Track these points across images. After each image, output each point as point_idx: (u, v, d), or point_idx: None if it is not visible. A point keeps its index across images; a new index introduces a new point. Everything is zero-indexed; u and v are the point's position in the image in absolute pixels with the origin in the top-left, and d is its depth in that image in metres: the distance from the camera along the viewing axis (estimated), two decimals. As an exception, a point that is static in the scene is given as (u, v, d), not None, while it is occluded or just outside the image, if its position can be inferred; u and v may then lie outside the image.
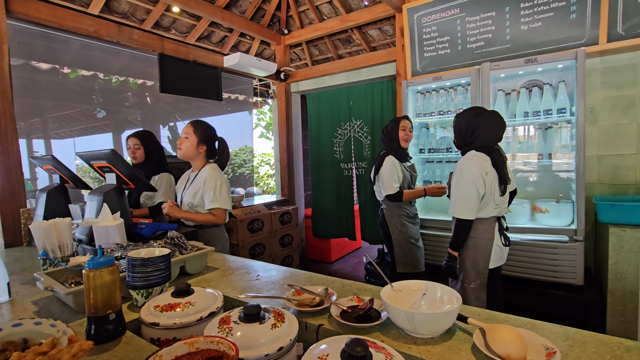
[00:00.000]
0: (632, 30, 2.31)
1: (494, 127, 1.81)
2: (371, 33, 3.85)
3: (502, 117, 1.84)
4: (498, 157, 1.80)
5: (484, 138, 1.81)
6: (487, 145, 1.81)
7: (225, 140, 2.17)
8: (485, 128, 1.80)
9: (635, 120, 2.50)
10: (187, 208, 2.02)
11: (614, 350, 0.80)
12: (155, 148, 2.37)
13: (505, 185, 1.80)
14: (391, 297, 0.99)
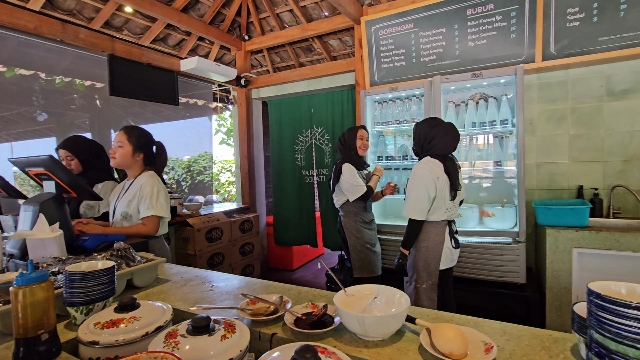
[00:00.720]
0: (563, 51, 2.57)
1: (450, 137, 1.94)
2: (332, 43, 3.94)
3: (456, 129, 1.98)
4: (451, 164, 1.93)
5: (440, 146, 1.93)
6: (442, 153, 1.94)
7: (163, 144, 2.05)
8: (442, 138, 1.93)
9: (567, 131, 2.77)
10: (120, 218, 1.88)
11: (544, 342, 0.88)
12: (92, 155, 2.16)
13: (455, 191, 1.91)
14: (344, 302, 1.00)
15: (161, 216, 1.85)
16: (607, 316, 0.60)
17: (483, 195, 2.93)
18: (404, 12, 3.02)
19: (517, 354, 0.83)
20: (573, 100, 2.73)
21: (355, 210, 2.53)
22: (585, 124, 2.70)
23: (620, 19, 2.39)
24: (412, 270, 2.01)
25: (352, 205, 2.50)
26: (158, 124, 4.53)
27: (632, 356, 0.57)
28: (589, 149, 2.70)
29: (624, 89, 2.58)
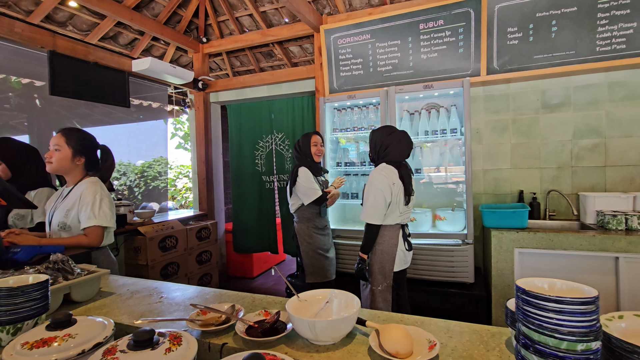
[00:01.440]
0: (504, 66, 2.79)
1: (404, 145, 2.04)
2: (292, 49, 3.96)
3: (409, 137, 2.08)
4: (405, 171, 2.02)
5: (395, 154, 2.02)
6: (396, 160, 2.03)
7: (108, 148, 1.91)
8: (397, 146, 2.02)
9: (509, 140, 3.00)
10: (57, 228, 1.73)
11: (483, 337, 0.94)
12: (23, 159, 1.98)
13: (409, 196, 2.01)
14: (296, 308, 1.00)
15: (105, 226, 1.74)
16: (531, 309, 0.65)
17: (436, 200, 3.08)
18: (362, 23, 3.12)
19: (458, 349, 0.88)
20: (514, 112, 2.97)
21: (308, 216, 2.55)
22: (525, 133, 2.94)
23: (552, 39, 2.65)
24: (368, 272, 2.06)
25: (306, 210, 2.52)
26: (108, 127, 4.26)
27: (551, 345, 0.62)
28: (528, 157, 2.94)
29: (556, 102, 2.85)
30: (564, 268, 2.33)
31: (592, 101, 2.76)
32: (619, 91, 2.69)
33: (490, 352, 0.85)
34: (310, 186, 2.45)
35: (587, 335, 0.61)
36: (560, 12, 2.61)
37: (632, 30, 2.47)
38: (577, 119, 2.80)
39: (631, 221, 2.29)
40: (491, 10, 2.75)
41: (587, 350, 0.61)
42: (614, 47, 2.52)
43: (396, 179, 1.96)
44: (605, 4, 2.50)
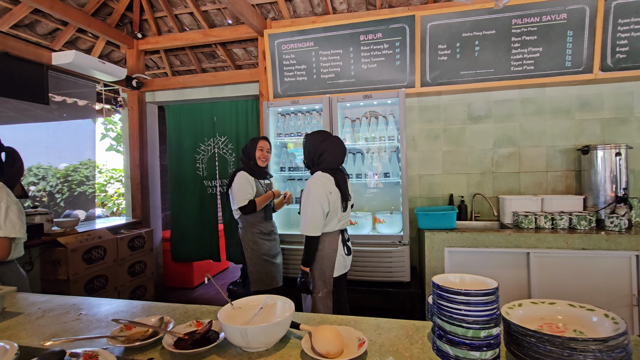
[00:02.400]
0: (436, 80, 3.02)
1: (338, 152, 2.01)
2: (236, 51, 3.89)
3: (343, 143, 2.07)
4: (341, 177, 2.03)
5: (330, 161, 1.99)
6: (332, 167, 2.00)
7: (16, 150, 1.72)
8: (331, 152, 1.99)
9: (441, 148, 3.24)
10: None
11: (408, 331, 1.00)
12: None
13: (346, 202, 2.04)
14: (229, 316, 0.98)
15: (13, 237, 1.54)
16: (443, 303, 0.72)
17: (376, 204, 3.22)
18: (305, 31, 3.17)
19: (385, 345, 0.93)
20: (444, 122, 3.23)
21: (253, 221, 2.50)
22: (454, 142, 3.21)
23: (475, 57, 2.94)
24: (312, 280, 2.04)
25: (251, 215, 2.47)
26: (22, 125, 3.79)
27: (460, 334, 0.69)
28: (457, 163, 3.21)
29: (479, 114, 3.16)
30: (486, 263, 2.57)
31: (508, 114, 3.10)
32: (529, 106, 3.07)
33: (413, 345, 0.91)
34: (242, 192, 2.39)
35: (489, 322, 0.68)
36: (482, 34, 2.91)
37: (538, 54, 2.84)
38: (496, 130, 3.13)
39: (539, 220, 2.61)
40: (424, 27, 2.97)
41: (488, 336, 0.68)
42: (525, 67, 2.87)
43: (333, 187, 1.94)
44: (517, 30, 2.85)
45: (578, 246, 2.37)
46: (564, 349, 0.66)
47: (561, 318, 0.80)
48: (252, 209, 2.41)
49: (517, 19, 2.83)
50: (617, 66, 2.72)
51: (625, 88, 2.89)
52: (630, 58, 2.70)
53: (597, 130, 2.95)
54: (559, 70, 2.81)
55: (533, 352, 0.70)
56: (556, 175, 3.03)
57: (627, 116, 2.90)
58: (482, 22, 2.88)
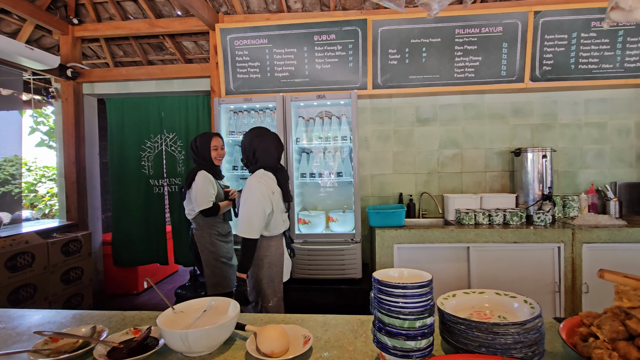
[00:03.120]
0: (386, 83, 3.14)
1: (273, 149, 1.91)
2: (186, 44, 3.72)
3: (279, 140, 1.98)
4: (282, 176, 1.94)
5: (265, 159, 1.88)
6: (270, 165, 1.90)
7: None
8: (266, 149, 1.88)
9: (391, 148, 3.37)
10: None
11: (353, 326, 1.03)
12: None
13: (289, 202, 1.99)
14: (169, 321, 0.93)
15: None
16: (383, 296, 0.74)
17: (329, 203, 3.27)
18: (259, 27, 3.12)
19: (331, 340, 0.94)
20: (395, 124, 3.36)
21: (211, 222, 2.41)
22: (403, 143, 3.35)
23: (422, 63, 3.10)
24: (254, 292, 1.90)
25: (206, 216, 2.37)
26: None
27: (397, 325, 0.72)
28: (406, 164, 3.36)
29: (427, 117, 3.33)
30: (432, 258, 2.72)
31: (452, 118, 3.31)
32: (471, 111, 3.30)
33: (357, 339, 0.94)
34: (205, 194, 2.31)
35: (423, 313, 0.72)
36: (429, 41, 3.07)
37: (478, 63, 3.06)
38: (442, 132, 3.32)
39: (478, 217, 2.82)
40: (376, 31, 3.07)
41: (423, 326, 0.72)
42: (466, 75, 3.08)
43: (275, 186, 1.86)
44: (460, 39, 3.05)
45: (511, 240, 2.60)
46: (488, 333, 0.72)
47: (488, 306, 0.88)
48: (215, 211, 2.33)
49: (460, 29, 3.02)
50: (544, 77, 3.02)
51: (550, 97, 3.22)
52: (554, 70, 3.01)
53: (527, 134, 3.26)
54: (496, 78, 3.05)
55: (463, 339, 0.75)
56: (493, 175, 3.29)
57: (552, 122, 3.23)
58: (429, 30, 3.04)
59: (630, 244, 2.52)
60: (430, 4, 1.07)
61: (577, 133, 3.21)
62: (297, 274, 2.85)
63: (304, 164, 3.09)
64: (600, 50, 2.96)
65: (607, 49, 2.95)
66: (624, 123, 3.18)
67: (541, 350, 0.74)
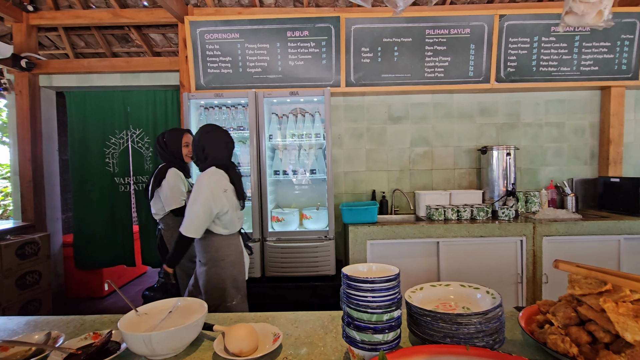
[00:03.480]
0: (359, 81, 3.16)
1: (222, 146, 1.86)
2: (154, 37, 3.57)
3: (230, 137, 1.93)
4: (235, 173, 1.90)
5: (215, 156, 1.83)
6: (221, 162, 1.85)
7: None
8: (214, 146, 1.84)
9: (364, 146, 3.41)
10: None
11: (324, 322, 1.03)
12: None
13: (243, 200, 1.94)
14: (132, 324, 0.89)
15: None
16: (351, 291, 0.75)
17: (303, 200, 3.26)
18: (230, 21, 3.05)
19: (301, 337, 0.94)
20: (368, 122, 3.40)
21: (181, 222, 2.32)
22: (376, 140, 3.40)
23: (394, 62, 3.15)
24: (216, 294, 1.82)
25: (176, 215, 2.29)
26: None
27: (365, 319, 0.73)
28: (379, 161, 3.41)
29: (399, 115, 3.39)
30: (403, 253, 2.78)
31: (423, 116, 3.39)
32: (440, 110, 3.39)
33: (328, 335, 0.94)
34: (177, 192, 2.23)
35: (391, 306, 0.73)
36: (400, 41, 3.12)
37: (447, 63, 3.15)
38: (413, 131, 3.40)
39: (447, 213, 2.91)
40: (349, 29, 3.08)
41: (390, 319, 0.73)
42: (436, 74, 3.16)
43: (227, 184, 1.82)
44: (430, 39, 3.12)
45: (477, 234, 2.70)
46: (452, 324, 0.74)
47: (453, 297, 0.90)
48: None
49: (430, 30, 3.10)
50: (508, 78, 3.16)
51: (514, 98, 3.38)
52: (517, 72, 3.15)
53: (493, 133, 3.39)
54: (464, 79, 3.15)
55: (429, 330, 0.77)
56: (462, 172, 3.41)
57: (515, 122, 3.39)
58: (400, 30, 3.09)
59: (585, 237, 2.69)
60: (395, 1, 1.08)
61: (538, 132, 3.39)
62: (271, 272, 2.82)
63: (277, 161, 3.06)
64: (559, 54, 3.13)
65: (565, 52, 3.13)
66: (580, 123, 3.39)
67: (501, 338, 0.77)
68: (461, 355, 0.68)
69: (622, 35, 3.10)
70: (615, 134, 3.25)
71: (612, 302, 0.71)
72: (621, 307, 0.70)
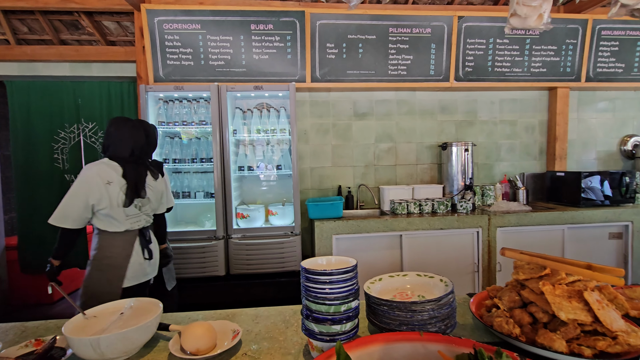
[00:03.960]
0: (325, 77, 3.17)
1: (127, 139, 1.78)
2: (107, 24, 3.35)
3: (142, 132, 1.84)
4: (135, 169, 1.78)
5: (116, 149, 1.77)
6: (121, 156, 1.77)
7: None
8: (117, 139, 1.77)
9: (330, 142, 3.43)
10: None
11: (285, 316, 1.02)
12: None
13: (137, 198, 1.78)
14: (79, 328, 0.84)
15: None
16: (310, 284, 0.75)
17: (270, 196, 3.23)
18: (191, 11, 2.93)
19: (262, 332, 0.93)
20: (333, 117, 3.42)
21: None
22: (342, 136, 3.43)
23: (359, 59, 3.18)
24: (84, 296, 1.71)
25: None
26: None
27: (323, 311, 0.73)
28: (344, 157, 3.44)
29: (363, 112, 3.44)
30: (368, 247, 2.83)
31: (387, 113, 3.47)
32: (403, 107, 3.48)
33: (289, 329, 0.94)
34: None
35: (348, 297, 0.74)
36: (365, 38, 3.16)
37: (410, 62, 3.24)
38: (377, 127, 3.47)
39: (410, 207, 3.00)
40: (314, 24, 3.07)
41: (348, 310, 0.74)
42: (399, 72, 3.24)
43: (116, 177, 1.70)
44: (393, 38, 3.19)
45: (438, 227, 2.82)
46: (407, 311, 0.77)
47: (409, 287, 0.94)
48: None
49: (393, 28, 3.16)
50: (466, 78, 3.31)
51: (472, 96, 3.54)
52: (475, 72, 3.31)
53: (452, 130, 3.54)
54: (425, 77, 3.26)
55: (386, 319, 0.79)
56: (424, 167, 3.53)
57: (473, 119, 3.56)
58: (365, 27, 3.13)
59: (534, 227, 2.89)
60: (347, -4, 1.09)
61: (493, 129, 3.58)
62: (236, 269, 2.78)
63: (242, 157, 3.00)
64: (512, 55, 3.32)
65: (517, 54, 3.32)
66: (531, 121, 3.62)
67: (453, 323, 0.81)
68: (415, 341, 0.70)
69: (567, 40, 3.34)
70: (560, 131, 3.51)
71: (550, 284, 0.77)
72: (557, 289, 0.76)
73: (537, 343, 0.72)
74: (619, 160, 3.76)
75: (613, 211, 2.93)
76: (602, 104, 3.69)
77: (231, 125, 2.84)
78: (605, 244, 3.01)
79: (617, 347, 0.68)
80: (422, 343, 0.70)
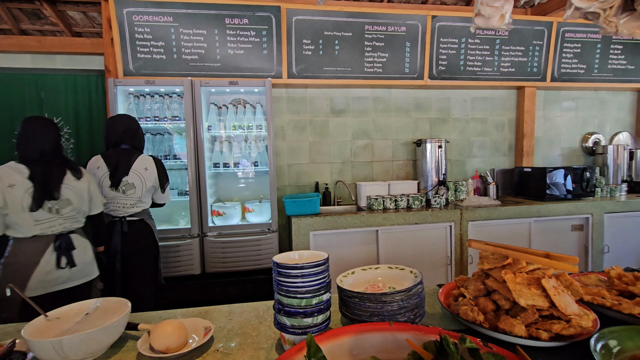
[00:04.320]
0: (301, 73, 3.15)
1: (35, 139, 1.71)
2: (72, 15, 3.19)
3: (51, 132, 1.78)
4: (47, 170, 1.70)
5: (22, 150, 1.71)
6: (29, 157, 1.70)
7: None
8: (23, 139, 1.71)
9: (307, 138, 3.43)
10: None
11: (259, 312, 1.02)
12: None
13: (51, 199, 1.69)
14: (40, 330, 0.81)
15: None
16: (281, 278, 0.75)
17: (247, 193, 3.19)
18: (162, 3, 2.84)
19: (235, 328, 0.92)
20: (310, 114, 3.42)
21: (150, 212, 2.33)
22: (319, 133, 3.44)
23: (335, 56, 3.19)
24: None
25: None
26: None
27: (295, 304, 0.74)
28: (322, 153, 3.45)
29: (340, 109, 3.46)
30: (345, 242, 2.86)
31: (363, 110, 3.50)
32: (380, 104, 3.53)
33: (262, 324, 0.94)
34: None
35: (319, 290, 0.75)
36: (341, 35, 3.17)
37: (385, 59, 3.28)
38: (354, 124, 3.50)
39: (386, 202, 3.06)
40: (290, 20, 3.05)
41: (319, 302, 0.75)
42: (375, 70, 3.28)
43: (20, 179, 1.62)
44: (369, 35, 3.22)
45: (413, 221, 2.88)
46: (378, 303, 0.79)
47: (381, 279, 0.96)
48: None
49: (369, 26, 3.19)
50: (440, 76, 3.39)
51: (445, 94, 3.63)
52: (448, 70, 3.39)
53: (427, 127, 3.63)
54: (400, 75, 3.31)
55: (357, 310, 0.81)
56: (399, 163, 3.60)
57: (446, 117, 3.66)
58: (341, 24, 3.14)
59: (503, 220, 3.02)
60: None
61: (465, 127, 3.70)
62: (212, 268, 2.74)
63: (218, 153, 2.95)
64: (482, 55, 3.43)
65: (488, 54, 3.44)
66: (500, 119, 3.76)
67: (422, 313, 0.84)
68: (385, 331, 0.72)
69: (534, 41, 3.49)
70: (528, 129, 3.67)
71: (512, 273, 0.81)
72: (518, 277, 0.80)
73: (499, 329, 0.76)
74: (581, 157, 3.97)
75: (575, 204, 3.10)
76: (566, 103, 3.89)
77: (206, 121, 2.78)
78: (568, 236, 3.19)
79: (570, 330, 0.72)
80: (392, 332, 0.71)
